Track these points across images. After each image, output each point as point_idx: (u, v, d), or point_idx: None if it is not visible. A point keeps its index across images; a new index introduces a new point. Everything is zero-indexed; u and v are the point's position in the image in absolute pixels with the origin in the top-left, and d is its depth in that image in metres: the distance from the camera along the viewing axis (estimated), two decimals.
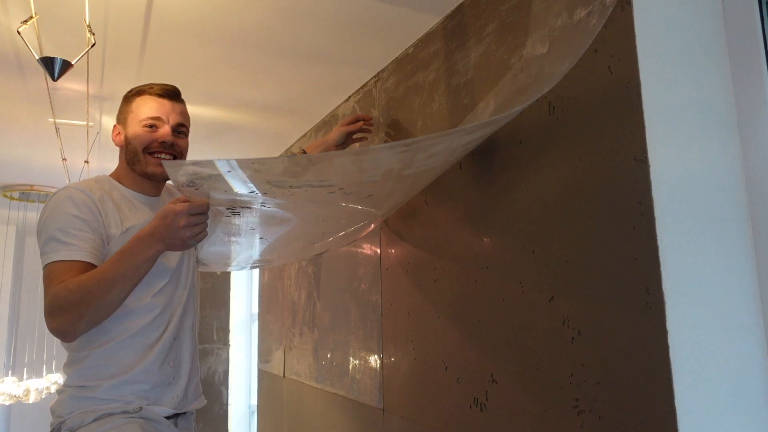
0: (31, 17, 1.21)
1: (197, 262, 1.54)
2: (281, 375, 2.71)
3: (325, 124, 2.43)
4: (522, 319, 1.21)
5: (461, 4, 1.51)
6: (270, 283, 3.05)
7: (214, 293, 4.97)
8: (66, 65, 1.20)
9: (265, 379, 3.05)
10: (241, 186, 1.10)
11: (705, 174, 1.02)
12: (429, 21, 1.62)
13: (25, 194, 3.87)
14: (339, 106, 2.29)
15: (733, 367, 0.97)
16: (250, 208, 1.24)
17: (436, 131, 1.58)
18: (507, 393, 1.24)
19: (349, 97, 2.19)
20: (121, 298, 1.18)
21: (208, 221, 1.16)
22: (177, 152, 1.38)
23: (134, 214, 1.35)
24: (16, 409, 4.70)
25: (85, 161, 2.76)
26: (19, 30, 1.20)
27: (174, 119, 1.36)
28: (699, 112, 1.05)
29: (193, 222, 1.10)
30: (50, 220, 1.25)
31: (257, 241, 1.54)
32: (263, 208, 1.27)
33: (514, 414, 1.21)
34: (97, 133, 2.49)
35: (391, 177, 1.21)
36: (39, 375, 3.94)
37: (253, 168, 1.03)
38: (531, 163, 1.22)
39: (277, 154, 3.05)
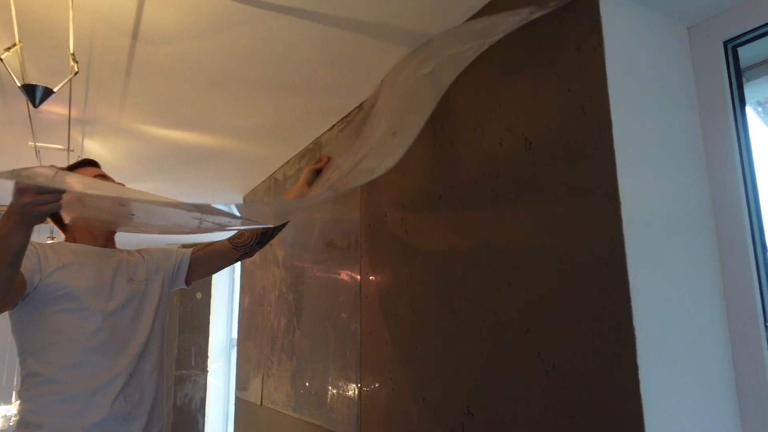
0: (15, 45, 1.21)
1: None
2: (258, 403, 2.66)
3: (309, 152, 2.45)
4: (498, 352, 1.21)
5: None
6: (250, 309, 3.01)
7: (193, 318, 4.89)
8: (48, 92, 1.20)
9: (242, 407, 2.99)
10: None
11: (674, 210, 1.05)
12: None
13: None
14: (323, 133, 2.31)
15: (703, 401, 0.98)
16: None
17: (416, 156, 1.60)
18: (482, 426, 1.23)
19: (334, 125, 2.22)
20: (2, 270, 1.17)
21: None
22: None
23: (76, 256, 1.44)
24: None
25: None
26: (2, 57, 1.20)
27: (109, 176, 1.57)
28: (668, 150, 1.08)
29: (40, 201, 1.08)
30: None
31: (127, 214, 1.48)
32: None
33: None
34: (78, 156, 2.48)
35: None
36: (8, 401, 3.83)
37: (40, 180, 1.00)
38: (508, 196, 1.25)
39: (261, 179, 3.05)
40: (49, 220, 1.54)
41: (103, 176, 1.54)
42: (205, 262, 1.70)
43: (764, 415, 0.97)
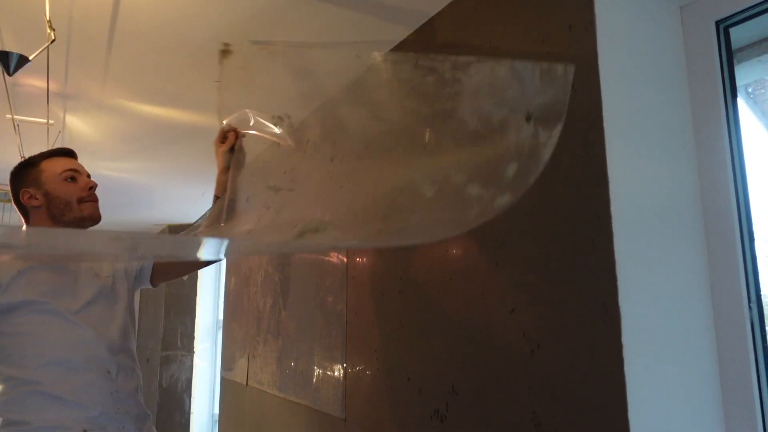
0: None
1: None
2: (244, 383, 2.66)
3: (296, 131, 2.41)
4: (483, 331, 1.21)
5: (433, 17, 1.53)
6: (236, 289, 3.00)
7: (179, 299, 4.86)
8: (23, 60, 1.16)
9: (228, 387, 2.99)
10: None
11: (662, 193, 1.05)
12: (400, 33, 1.63)
13: None
14: (308, 114, 2.28)
15: (686, 383, 0.99)
16: None
17: None
18: (467, 405, 1.24)
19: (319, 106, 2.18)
20: None
21: None
22: (95, 196, 1.50)
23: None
24: None
25: None
26: None
27: (84, 170, 1.52)
28: (658, 131, 1.07)
29: None
30: None
31: None
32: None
33: (473, 426, 1.21)
34: (59, 132, 2.42)
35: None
36: None
37: None
38: None
39: (247, 161, 3.00)
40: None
41: (76, 170, 1.49)
42: (169, 267, 1.66)
43: (746, 395, 0.98)
